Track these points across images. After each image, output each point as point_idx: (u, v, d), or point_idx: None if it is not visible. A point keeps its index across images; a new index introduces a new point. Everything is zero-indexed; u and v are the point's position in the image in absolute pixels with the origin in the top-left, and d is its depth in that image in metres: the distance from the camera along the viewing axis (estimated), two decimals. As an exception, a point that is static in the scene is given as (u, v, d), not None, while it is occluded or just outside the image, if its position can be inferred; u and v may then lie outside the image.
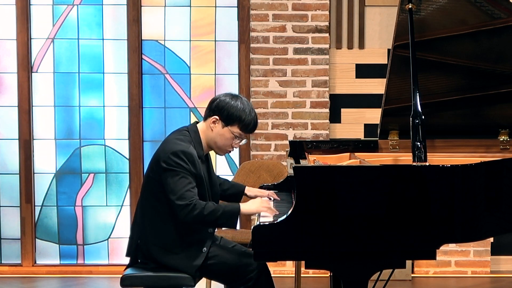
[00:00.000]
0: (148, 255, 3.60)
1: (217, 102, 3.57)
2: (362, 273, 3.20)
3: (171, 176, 3.44)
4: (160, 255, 3.56)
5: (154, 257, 3.58)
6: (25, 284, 5.50)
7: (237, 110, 3.53)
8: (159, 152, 3.56)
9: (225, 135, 3.58)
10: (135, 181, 5.73)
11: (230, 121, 3.55)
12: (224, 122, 3.55)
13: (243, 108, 3.55)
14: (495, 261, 5.72)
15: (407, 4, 3.85)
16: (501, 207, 3.33)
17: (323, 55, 5.61)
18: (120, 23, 5.74)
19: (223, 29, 5.75)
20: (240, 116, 3.54)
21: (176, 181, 3.43)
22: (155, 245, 3.57)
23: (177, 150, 3.46)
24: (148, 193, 3.60)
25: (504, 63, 4.06)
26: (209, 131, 3.59)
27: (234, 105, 3.54)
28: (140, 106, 5.73)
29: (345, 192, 3.14)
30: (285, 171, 4.92)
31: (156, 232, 3.56)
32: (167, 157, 3.46)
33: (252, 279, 3.57)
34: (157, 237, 3.56)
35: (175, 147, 3.49)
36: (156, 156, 3.57)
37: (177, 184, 3.42)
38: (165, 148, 3.52)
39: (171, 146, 3.51)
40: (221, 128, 3.57)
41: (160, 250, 3.56)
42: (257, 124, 3.61)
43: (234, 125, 3.55)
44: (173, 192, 3.43)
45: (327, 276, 5.26)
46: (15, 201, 5.77)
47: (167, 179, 3.45)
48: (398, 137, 4.26)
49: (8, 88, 5.77)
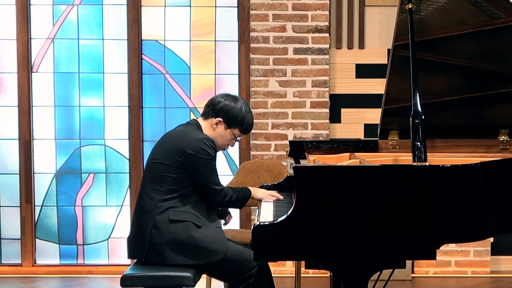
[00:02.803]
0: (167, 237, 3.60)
1: (222, 105, 3.76)
2: (362, 273, 3.20)
3: (203, 164, 3.65)
4: (184, 233, 3.60)
5: (175, 237, 3.59)
6: (25, 284, 5.50)
7: (240, 114, 3.77)
8: (178, 142, 3.68)
9: (226, 136, 3.80)
10: (135, 181, 5.73)
11: (233, 124, 3.78)
12: (227, 125, 3.77)
13: (245, 112, 3.78)
14: (495, 261, 5.72)
15: (407, 4, 3.85)
16: (501, 207, 3.33)
17: (323, 55, 5.61)
18: (120, 23, 5.74)
19: (223, 29, 5.75)
20: (243, 120, 3.78)
21: (210, 169, 3.67)
22: (177, 222, 3.61)
23: (202, 138, 3.67)
24: (157, 178, 3.67)
25: (504, 63, 4.06)
26: (211, 130, 3.78)
27: (237, 109, 3.76)
28: (140, 106, 5.73)
29: (345, 192, 3.14)
30: (285, 171, 4.92)
31: (175, 214, 3.63)
32: (198, 146, 3.64)
33: (253, 275, 3.61)
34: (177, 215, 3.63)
35: (200, 135, 3.70)
36: (173, 146, 3.67)
37: (210, 172, 3.67)
38: (188, 137, 3.67)
39: (194, 135, 3.69)
40: (223, 129, 3.78)
41: (184, 229, 3.61)
42: (253, 125, 3.89)
43: (236, 127, 3.78)
44: (208, 179, 3.66)
45: (327, 276, 5.26)
46: (15, 201, 5.77)
47: (199, 166, 3.64)
48: (398, 137, 4.26)
49: (8, 88, 5.77)
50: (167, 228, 3.61)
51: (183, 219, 3.63)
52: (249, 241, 3.99)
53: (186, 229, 3.61)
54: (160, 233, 3.61)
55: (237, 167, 5.70)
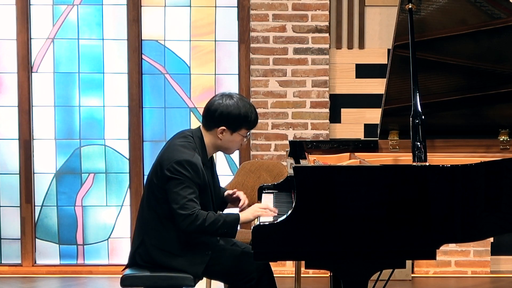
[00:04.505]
0: (148, 259, 3.59)
1: (220, 111, 3.55)
2: (362, 273, 3.20)
3: (174, 185, 3.44)
4: (163, 257, 3.56)
5: (155, 260, 3.57)
6: (25, 284, 5.50)
7: (240, 114, 3.55)
8: (163, 158, 3.54)
9: (236, 140, 3.62)
10: (135, 181, 5.73)
11: (237, 127, 3.58)
12: (232, 130, 3.58)
13: (245, 111, 3.57)
14: (495, 261, 5.72)
15: (407, 4, 3.85)
16: (501, 207, 3.33)
17: (323, 55, 5.61)
18: (120, 23, 5.74)
19: (223, 29, 5.75)
20: (246, 119, 3.57)
21: (179, 191, 3.43)
22: (157, 248, 3.56)
23: (181, 160, 3.46)
24: (151, 197, 3.59)
25: (504, 63, 4.06)
26: (218, 140, 3.60)
27: (237, 112, 3.55)
28: (140, 106, 5.73)
29: (345, 192, 3.14)
30: (285, 171, 4.92)
31: (159, 235, 3.56)
32: (171, 165, 3.45)
33: (254, 278, 3.58)
34: (160, 240, 3.55)
35: (180, 155, 3.48)
36: (159, 161, 3.55)
37: (180, 194, 3.43)
38: (169, 155, 3.51)
39: (175, 154, 3.49)
40: (230, 135, 3.59)
41: (162, 253, 3.56)
42: (258, 116, 3.67)
43: (242, 128, 3.60)
44: (176, 201, 3.43)
45: (327, 276, 5.26)
46: (15, 201, 5.77)
47: (170, 188, 3.45)
48: (398, 137, 4.25)
49: (8, 88, 5.77)
50: (149, 251, 3.58)
51: (160, 246, 3.55)
52: (249, 241, 3.99)
53: (163, 256, 3.55)
54: (145, 255, 3.60)
55: (237, 167, 5.70)
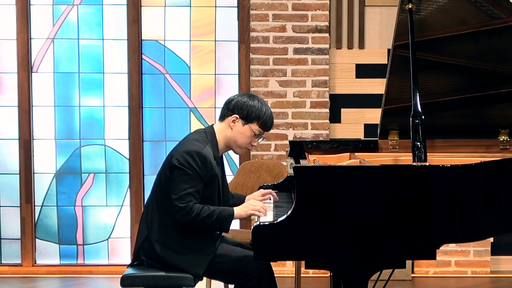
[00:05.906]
0: (152, 254, 3.60)
1: (235, 101, 3.65)
2: (362, 273, 3.20)
3: (178, 175, 3.49)
4: (166, 254, 3.57)
5: (158, 256, 3.58)
6: (25, 284, 5.50)
7: (255, 108, 3.62)
8: (175, 150, 3.61)
9: (246, 133, 3.65)
10: (135, 181, 5.73)
11: (249, 119, 3.63)
12: (244, 120, 3.63)
13: (260, 106, 3.64)
14: (495, 261, 5.72)
15: (407, 4, 3.85)
16: (501, 207, 3.33)
17: (323, 55, 5.61)
18: (120, 23, 5.74)
19: (223, 29, 5.75)
20: (259, 114, 3.63)
21: (181, 182, 3.48)
22: (160, 244, 3.57)
23: (191, 150, 3.52)
24: (158, 192, 3.62)
25: (504, 63, 4.06)
26: (229, 130, 3.65)
27: (252, 104, 3.63)
28: (140, 106, 5.73)
29: (345, 192, 3.14)
30: (285, 171, 4.92)
31: (163, 231, 3.57)
32: (181, 155, 3.51)
33: (255, 278, 3.58)
34: (164, 237, 3.57)
35: (190, 147, 3.54)
36: (171, 153, 3.61)
37: (180, 184, 3.47)
38: (181, 147, 3.58)
39: (187, 146, 3.56)
40: (241, 126, 3.63)
41: (165, 249, 3.57)
42: (273, 121, 3.71)
43: (254, 122, 3.63)
44: (175, 191, 3.47)
45: (327, 276, 5.26)
46: (15, 201, 5.77)
47: (174, 177, 3.50)
48: (398, 137, 4.26)
49: (8, 88, 5.77)
50: (153, 247, 3.59)
51: (164, 242, 3.56)
52: (249, 241, 3.99)
53: (166, 252, 3.56)
54: (149, 249, 3.61)
55: (237, 167, 5.70)
